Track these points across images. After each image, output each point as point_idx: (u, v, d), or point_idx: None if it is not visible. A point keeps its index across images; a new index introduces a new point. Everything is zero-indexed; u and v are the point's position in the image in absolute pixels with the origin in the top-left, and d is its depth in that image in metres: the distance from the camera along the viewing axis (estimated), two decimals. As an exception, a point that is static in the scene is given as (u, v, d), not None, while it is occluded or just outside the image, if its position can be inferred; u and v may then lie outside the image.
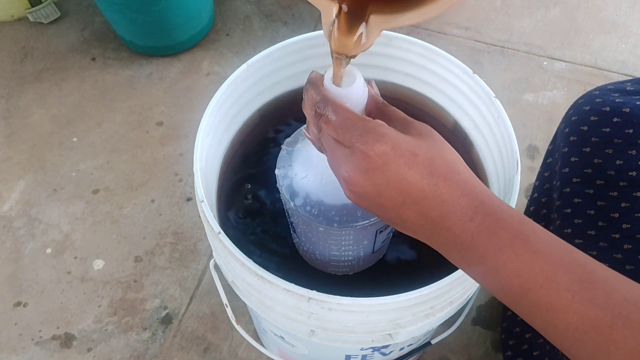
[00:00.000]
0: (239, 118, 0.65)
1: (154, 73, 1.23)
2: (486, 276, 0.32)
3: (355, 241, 0.45)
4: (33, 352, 0.90)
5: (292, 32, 1.30)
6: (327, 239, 0.44)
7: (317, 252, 0.49)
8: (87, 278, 0.96)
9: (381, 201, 0.32)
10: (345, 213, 0.41)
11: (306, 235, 0.47)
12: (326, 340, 0.53)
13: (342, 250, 0.46)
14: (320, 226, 0.42)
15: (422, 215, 0.32)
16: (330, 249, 0.46)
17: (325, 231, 0.42)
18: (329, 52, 0.66)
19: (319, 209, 0.41)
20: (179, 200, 1.04)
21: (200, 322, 0.92)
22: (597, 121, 0.62)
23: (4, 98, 1.20)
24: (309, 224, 0.42)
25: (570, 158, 0.64)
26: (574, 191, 0.64)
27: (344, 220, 0.41)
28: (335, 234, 0.43)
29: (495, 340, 0.90)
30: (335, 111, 0.33)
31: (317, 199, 0.41)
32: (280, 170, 0.44)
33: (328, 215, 0.41)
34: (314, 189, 0.41)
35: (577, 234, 0.62)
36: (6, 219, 1.03)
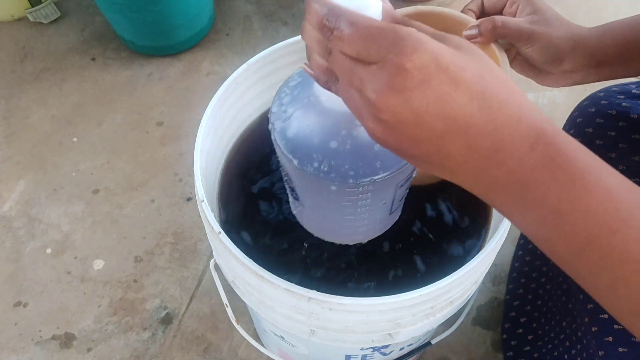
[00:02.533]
0: (239, 118, 0.65)
1: (154, 73, 1.23)
2: (544, 222, 0.26)
3: (373, 200, 0.37)
4: (33, 352, 0.90)
5: (292, 32, 1.30)
6: (340, 200, 0.36)
7: (327, 220, 0.41)
8: (87, 278, 0.96)
9: (417, 132, 0.25)
10: (362, 165, 0.33)
11: (313, 200, 0.39)
12: (326, 340, 0.53)
13: (357, 213, 0.38)
14: (332, 185, 0.34)
15: (468, 147, 0.25)
16: (344, 212, 0.38)
17: (339, 190, 0.35)
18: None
19: (329, 163, 0.33)
20: (179, 200, 1.04)
21: (200, 322, 0.92)
22: (602, 124, 0.62)
23: (4, 98, 1.20)
24: (318, 184, 0.34)
25: None
26: None
27: (360, 174, 0.33)
28: (350, 193, 0.35)
29: (495, 340, 0.90)
30: (351, 21, 0.25)
31: (326, 151, 0.33)
32: (277, 121, 0.36)
33: (341, 170, 0.33)
34: (321, 139, 0.33)
35: None
36: (6, 219, 1.03)
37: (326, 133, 0.33)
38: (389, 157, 0.33)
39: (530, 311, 0.76)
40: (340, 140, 0.33)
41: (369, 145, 0.33)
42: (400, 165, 0.33)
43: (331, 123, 0.33)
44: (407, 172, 0.36)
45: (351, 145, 0.33)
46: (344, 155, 0.33)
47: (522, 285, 0.80)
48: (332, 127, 0.33)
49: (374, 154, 0.33)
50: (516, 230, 0.88)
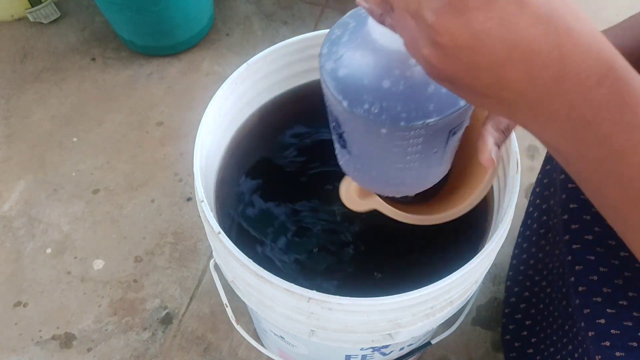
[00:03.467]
0: (239, 118, 0.65)
1: (154, 73, 1.23)
2: (602, 164, 0.25)
3: (424, 147, 0.35)
4: (33, 352, 0.90)
5: (292, 32, 1.30)
6: (390, 146, 0.35)
7: (374, 169, 0.40)
8: (87, 278, 0.96)
9: (477, 58, 0.23)
10: (415, 107, 0.32)
11: (361, 146, 0.38)
12: (326, 340, 0.53)
13: (406, 161, 0.36)
14: (383, 128, 0.33)
15: (529, 76, 0.23)
16: (393, 160, 0.37)
17: (389, 135, 0.33)
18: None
19: (380, 105, 0.32)
20: (179, 200, 1.04)
21: (200, 322, 0.92)
22: None
23: (4, 98, 1.20)
24: (368, 127, 0.33)
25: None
26: (569, 197, 0.63)
27: (412, 116, 0.32)
28: (402, 137, 0.33)
29: (495, 340, 0.90)
30: None
31: (378, 91, 0.32)
32: (327, 62, 0.35)
33: (393, 112, 0.32)
34: (372, 79, 0.32)
35: (573, 240, 0.62)
36: (6, 219, 1.03)
37: (378, 73, 0.32)
38: (443, 99, 0.32)
39: (534, 314, 0.76)
40: (393, 81, 0.32)
41: (423, 87, 0.32)
42: (454, 108, 0.32)
43: (384, 62, 0.32)
44: (461, 117, 0.34)
45: (404, 87, 0.32)
46: (397, 96, 0.32)
47: (524, 287, 0.80)
48: (385, 67, 0.32)
49: (427, 96, 0.32)
50: (515, 230, 0.88)
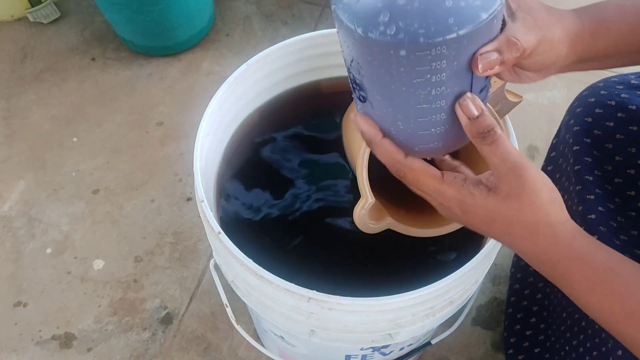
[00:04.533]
0: (239, 118, 0.65)
1: (154, 73, 1.23)
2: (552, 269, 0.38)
3: (449, 78, 0.34)
4: (33, 352, 0.90)
5: (292, 32, 1.30)
6: (413, 76, 0.33)
7: (400, 119, 0.37)
8: (87, 278, 0.96)
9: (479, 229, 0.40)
10: (433, 22, 0.31)
11: (381, 88, 0.36)
12: (326, 340, 0.53)
13: (431, 98, 0.35)
14: (402, 49, 0.31)
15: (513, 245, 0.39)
16: (418, 99, 0.35)
17: (409, 57, 0.32)
18: (328, 53, 0.66)
19: (396, 24, 0.31)
20: (179, 200, 1.04)
21: (200, 322, 0.92)
22: (601, 114, 0.62)
23: (4, 98, 1.20)
24: (386, 55, 0.32)
25: (573, 147, 0.65)
26: (574, 178, 0.64)
27: (431, 31, 0.31)
28: (423, 60, 0.32)
29: (495, 341, 0.90)
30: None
31: (393, 10, 0.31)
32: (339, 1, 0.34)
33: (410, 30, 0.31)
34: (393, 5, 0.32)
35: (576, 219, 0.63)
36: (6, 219, 1.03)
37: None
38: (462, 12, 0.31)
39: (538, 311, 0.76)
40: None
41: (440, 1, 0.31)
42: (475, 21, 0.31)
43: None
44: (483, 36, 0.33)
45: (420, 2, 0.31)
46: (413, 13, 0.31)
47: (526, 284, 0.80)
48: None
49: (445, 10, 0.31)
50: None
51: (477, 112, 0.34)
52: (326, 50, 0.65)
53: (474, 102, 0.34)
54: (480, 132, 0.35)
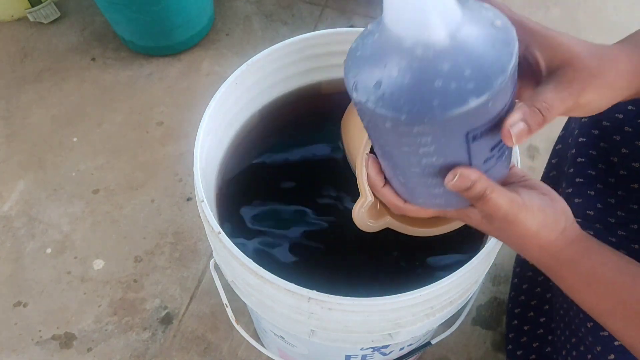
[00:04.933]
0: (239, 118, 0.65)
1: (154, 73, 1.23)
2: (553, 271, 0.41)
3: (439, 149, 0.33)
4: (33, 352, 0.90)
5: (292, 32, 1.30)
6: (400, 144, 0.33)
7: (399, 175, 0.38)
8: (87, 278, 0.96)
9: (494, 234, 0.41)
10: (419, 101, 0.30)
11: (381, 147, 0.36)
12: (326, 340, 0.53)
13: (423, 165, 0.35)
14: (386, 121, 0.31)
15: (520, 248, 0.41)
16: (409, 163, 0.35)
17: (394, 129, 0.32)
18: (328, 53, 0.66)
19: (383, 96, 0.31)
20: (179, 200, 1.04)
21: (200, 322, 0.92)
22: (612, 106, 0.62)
23: (4, 98, 1.20)
24: (375, 121, 0.33)
25: (579, 139, 0.65)
26: (577, 171, 0.64)
27: (414, 110, 0.30)
28: (406, 133, 0.32)
29: (495, 340, 0.90)
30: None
31: (384, 82, 0.31)
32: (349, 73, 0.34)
33: (395, 105, 0.31)
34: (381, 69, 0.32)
35: (576, 213, 0.63)
36: (6, 219, 1.03)
37: (385, 62, 0.31)
38: (450, 96, 0.30)
39: (537, 305, 0.76)
40: (399, 71, 0.31)
41: (429, 81, 0.30)
42: (460, 106, 0.30)
43: (392, 51, 0.31)
44: (474, 120, 0.32)
45: (410, 78, 0.30)
46: (401, 88, 0.30)
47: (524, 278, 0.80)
48: (391, 56, 0.31)
49: (433, 90, 0.30)
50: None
51: (466, 185, 0.35)
52: (326, 50, 0.65)
53: (461, 178, 0.35)
54: (472, 198, 0.36)
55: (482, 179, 0.35)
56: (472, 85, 0.30)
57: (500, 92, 0.30)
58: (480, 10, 0.32)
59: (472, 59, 0.30)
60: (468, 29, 0.30)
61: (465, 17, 0.31)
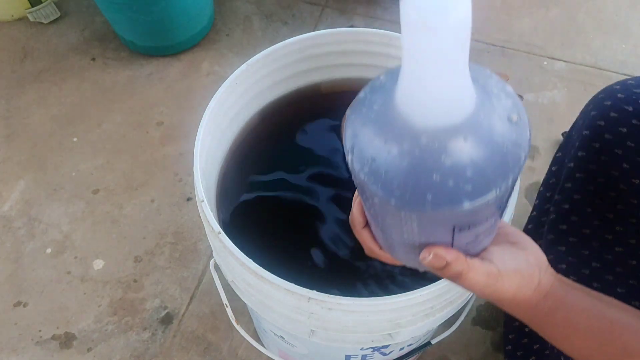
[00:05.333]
0: (239, 118, 0.65)
1: (154, 73, 1.23)
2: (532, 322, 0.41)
3: (421, 233, 0.33)
4: (33, 352, 0.90)
5: (292, 32, 1.30)
6: (384, 215, 0.33)
7: (380, 231, 0.37)
8: (87, 278, 0.96)
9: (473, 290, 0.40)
10: (411, 190, 0.28)
11: (367, 207, 0.35)
12: (326, 340, 0.53)
13: (404, 239, 0.34)
14: (375, 196, 0.30)
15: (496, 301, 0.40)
16: (391, 231, 0.35)
17: (382, 206, 0.31)
18: (328, 53, 0.66)
19: (376, 172, 0.29)
20: (179, 200, 1.04)
21: (200, 322, 0.92)
22: (615, 118, 0.61)
23: (4, 98, 1.20)
24: (364, 189, 0.31)
25: (578, 153, 0.63)
26: (575, 187, 0.63)
27: (405, 198, 0.29)
28: (393, 214, 0.31)
29: (495, 340, 0.90)
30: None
31: (380, 156, 0.29)
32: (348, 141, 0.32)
33: (387, 187, 0.29)
34: (380, 145, 0.30)
35: (572, 232, 0.62)
36: (6, 219, 1.03)
37: (387, 139, 0.29)
38: (444, 193, 0.28)
39: None
40: (399, 153, 0.29)
41: (427, 172, 0.28)
42: (451, 207, 0.28)
43: (397, 129, 0.29)
44: (465, 218, 0.30)
45: (408, 163, 0.28)
46: (397, 171, 0.29)
47: None
48: (395, 136, 0.29)
49: (428, 183, 0.28)
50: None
51: (440, 264, 0.35)
52: (326, 50, 0.65)
53: (436, 257, 0.34)
54: (446, 276, 0.36)
55: (458, 260, 0.35)
56: (470, 187, 0.28)
57: (497, 197, 0.29)
58: (500, 96, 0.30)
59: (477, 159, 0.28)
60: (481, 123, 0.28)
61: (481, 107, 0.28)
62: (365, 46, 0.65)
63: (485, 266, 0.36)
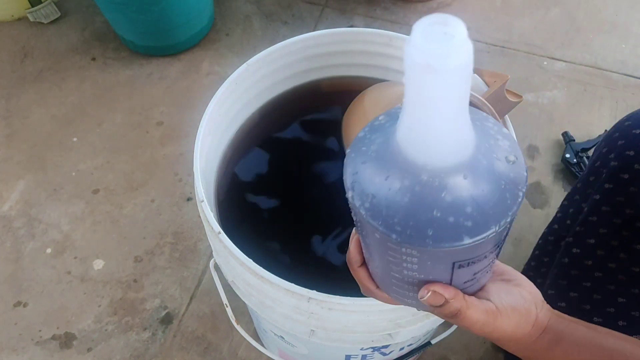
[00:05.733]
0: (239, 118, 0.65)
1: (154, 73, 1.23)
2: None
3: (422, 270, 0.33)
4: (33, 352, 0.90)
5: (292, 32, 1.30)
6: (384, 253, 0.33)
7: (378, 269, 0.38)
8: (87, 278, 0.96)
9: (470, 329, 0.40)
10: (412, 226, 0.29)
11: (363, 238, 0.36)
12: (326, 340, 0.53)
13: (404, 275, 0.35)
14: (376, 232, 0.31)
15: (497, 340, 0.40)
16: (390, 269, 0.35)
17: (382, 241, 0.31)
18: (328, 53, 0.66)
19: (379, 208, 0.30)
20: (179, 200, 1.04)
21: (200, 322, 0.92)
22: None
23: (4, 98, 1.20)
24: (364, 225, 0.32)
25: (605, 185, 0.61)
26: (600, 220, 0.61)
27: (406, 234, 0.29)
28: (394, 250, 0.32)
29: (495, 340, 0.90)
30: None
31: (381, 191, 0.30)
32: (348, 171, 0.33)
33: (388, 221, 0.30)
34: (382, 180, 0.30)
35: (598, 267, 0.60)
36: (6, 219, 1.03)
37: (389, 174, 0.30)
38: (445, 229, 0.29)
39: None
40: (401, 189, 0.29)
41: (428, 208, 0.29)
42: (453, 243, 0.29)
43: (398, 165, 0.29)
44: (465, 255, 0.31)
45: (410, 199, 0.29)
46: (398, 206, 0.29)
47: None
48: (397, 171, 0.29)
49: (429, 219, 0.29)
50: (515, 230, 0.88)
51: (439, 302, 0.35)
52: (326, 50, 0.65)
53: (435, 295, 0.34)
54: (444, 315, 0.36)
55: (457, 297, 0.35)
56: (470, 223, 0.29)
57: (497, 234, 0.30)
58: (497, 138, 0.31)
59: (477, 196, 0.29)
60: (480, 163, 0.29)
61: (479, 147, 0.29)
62: (365, 46, 0.65)
63: (483, 304, 0.36)
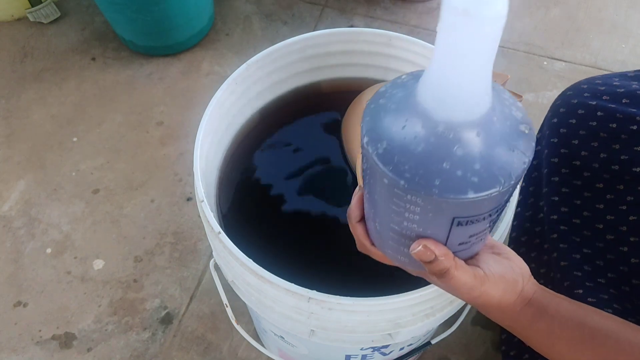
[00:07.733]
0: (239, 118, 0.65)
1: (154, 73, 1.23)
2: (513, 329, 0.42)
3: (422, 221, 0.34)
4: (33, 352, 0.90)
5: (292, 32, 1.30)
6: (389, 201, 0.33)
7: (377, 219, 0.38)
8: (87, 278, 0.96)
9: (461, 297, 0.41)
10: (421, 175, 0.30)
11: (368, 187, 0.36)
12: (326, 340, 0.53)
13: (403, 226, 0.35)
14: (385, 177, 0.31)
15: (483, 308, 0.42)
16: (390, 219, 0.35)
17: (389, 186, 0.32)
18: (328, 53, 0.66)
19: (390, 154, 0.31)
20: (179, 200, 1.04)
21: (200, 322, 0.92)
22: (583, 114, 0.65)
23: (4, 98, 1.20)
24: (374, 170, 0.32)
25: (560, 149, 0.66)
26: (562, 180, 0.66)
27: (414, 181, 0.30)
28: (399, 196, 0.32)
29: (495, 341, 0.90)
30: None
31: (394, 139, 0.31)
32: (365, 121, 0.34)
33: (399, 167, 0.31)
34: (397, 128, 0.31)
35: (563, 221, 0.64)
36: (6, 219, 1.03)
37: (406, 124, 0.31)
38: (451, 181, 0.30)
39: None
40: (415, 138, 0.30)
41: (439, 160, 0.30)
42: (457, 196, 0.30)
43: (416, 117, 0.31)
44: (466, 211, 0.32)
45: (423, 149, 0.30)
46: (410, 154, 0.30)
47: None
48: (415, 121, 0.31)
49: (439, 169, 0.30)
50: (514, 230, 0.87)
51: (429, 257, 0.35)
52: (326, 50, 0.65)
53: (426, 250, 0.35)
54: (433, 273, 0.37)
55: (447, 257, 0.35)
56: (476, 179, 0.30)
57: (499, 194, 0.31)
58: (512, 108, 0.32)
59: (486, 155, 0.30)
60: (494, 124, 0.30)
61: (495, 110, 0.30)
62: (365, 46, 0.65)
63: (472, 268, 0.37)
